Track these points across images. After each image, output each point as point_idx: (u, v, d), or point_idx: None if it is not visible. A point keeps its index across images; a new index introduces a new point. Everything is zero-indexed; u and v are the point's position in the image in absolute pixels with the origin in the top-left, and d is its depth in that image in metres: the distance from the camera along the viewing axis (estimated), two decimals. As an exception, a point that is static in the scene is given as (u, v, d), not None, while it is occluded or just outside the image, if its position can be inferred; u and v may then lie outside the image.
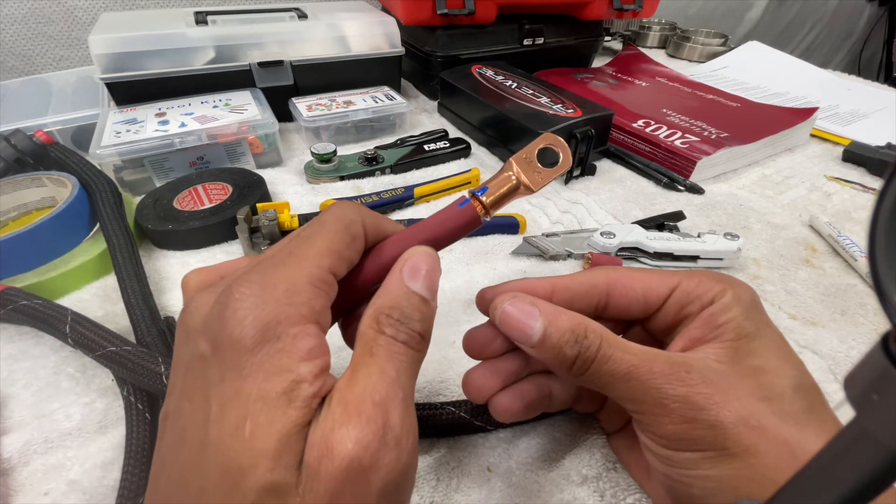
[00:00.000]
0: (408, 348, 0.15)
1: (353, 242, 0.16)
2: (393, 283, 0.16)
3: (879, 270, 0.08)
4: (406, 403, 0.14)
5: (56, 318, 0.28)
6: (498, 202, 0.19)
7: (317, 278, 0.15)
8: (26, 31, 0.66)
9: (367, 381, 0.14)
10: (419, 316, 0.16)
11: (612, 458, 0.24)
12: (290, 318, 0.13)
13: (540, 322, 0.17)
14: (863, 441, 0.09)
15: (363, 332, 0.15)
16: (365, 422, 0.13)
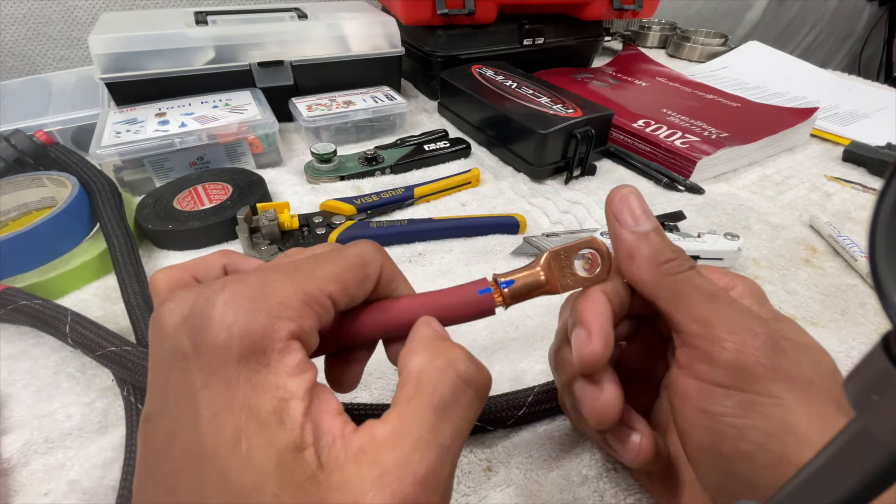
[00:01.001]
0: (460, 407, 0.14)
1: (363, 281, 0.16)
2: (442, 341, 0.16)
3: (879, 270, 0.08)
4: (455, 460, 0.13)
5: (56, 319, 0.28)
6: (519, 297, 0.18)
7: (313, 299, 0.14)
8: (26, 32, 0.66)
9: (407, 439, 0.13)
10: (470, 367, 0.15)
11: (612, 459, 0.24)
12: (277, 331, 0.13)
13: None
14: (863, 441, 0.09)
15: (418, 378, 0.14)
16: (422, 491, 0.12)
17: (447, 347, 0.15)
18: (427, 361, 0.14)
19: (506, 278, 0.18)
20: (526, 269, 0.18)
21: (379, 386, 0.28)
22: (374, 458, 0.12)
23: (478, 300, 0.17)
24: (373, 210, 0.43)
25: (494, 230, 0.41)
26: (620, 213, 0.18)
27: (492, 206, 0.45)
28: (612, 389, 0.18)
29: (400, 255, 0.38)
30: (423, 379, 0.14)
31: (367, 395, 0.27)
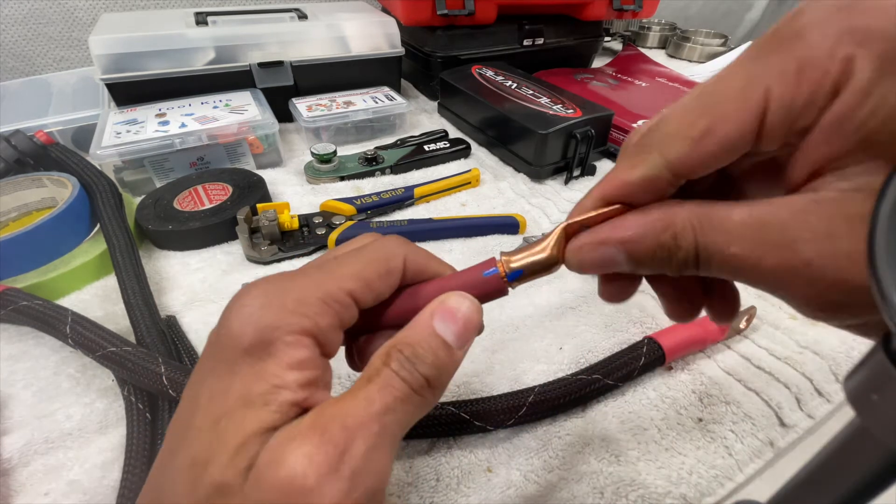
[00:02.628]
0: (407, 388, 0.13)
1: (386, 275, 0.16)
2: (418, 321, 0.15)
3: (879, 270, 0.08)
4: (380, 440, 0.13)
5: (56, 319, 0.28)
6: (526, 277, 0.17)
7: (331, 297, 0.14)
8: (26, 32, 0.66)
9: (347, 404, 0.13)
10: (432, 360, 0.14)
11: (611, 457, 0.24)
12: (289, 325, 0.13)
13: (623, 255, 0.14)
14: (863, 441, 0.09)
15: (371, 361, 0.14)
16: (324, 441, 0.12)
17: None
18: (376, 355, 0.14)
19: (513, 260, 0.17)
20: (535, 246, 0.16)
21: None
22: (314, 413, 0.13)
23: (484, 281, 0.17)
24: (373, 210, 0.43)
25: (494, 230, 0.41)
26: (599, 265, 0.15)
27: (492, 206, 0.45)
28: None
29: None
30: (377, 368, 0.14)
31: (368, 396, 0.27)
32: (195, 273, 0.36)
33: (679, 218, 0.13)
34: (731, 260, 0.12)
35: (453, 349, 0.15)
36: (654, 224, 0.13)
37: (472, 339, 0.15)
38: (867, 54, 0.10)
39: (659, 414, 0.26)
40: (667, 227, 0.13)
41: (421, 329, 0.15)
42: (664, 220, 0.13)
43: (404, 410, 0.13)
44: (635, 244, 0.14)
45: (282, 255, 0.38)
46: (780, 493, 0.11)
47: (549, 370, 0.29)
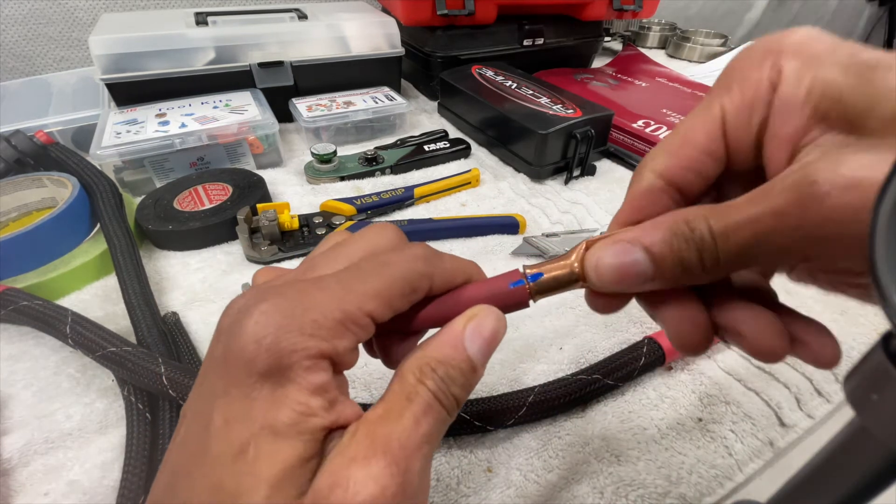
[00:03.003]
0: (442, 408, 0.14)
1: (410, 294, 0.15)
2: (450, 337, 0.15)
3: (879, 270, 0.08)
4: (428, 461, 0.13)
5: (56, 319, 0.28)
6: (547, 291, 0.16)
7: (351, 319, 0.14)
8: (27, 32, 0.66)
9: (399, 424, 0.13)
10: (462, 381, 0.14)
11: (611, 457, 0.24)
12: (306, 349, 0.13)
13: (640, 250, 0.14)
14: (863, 441, 0.09)
15: (404, 374, 0.14)
16: (390, 464, 0.12)
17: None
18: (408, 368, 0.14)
19: (534, 270, 0.16)
20: (557, 261, 0.16)
21: (379, 386, 0.28)
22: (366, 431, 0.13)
23: (509, 293, 0.16)
24: (373, 210, 0.43)
25: (494, 230, 0.41)
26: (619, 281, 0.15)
27: (492, 206, 0.45)
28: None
29: (400, 256, 0.38)
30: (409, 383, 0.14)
31: (367, 395, 0.27)
32: (195, 273, 0.36)
33: (689, 210, 0.14)
34: (746, 225, 0.12)
35: (478, 368, 0.15)
36: (666, 219, 0.14)
37: (492, 354, 0.15)
38: (788, 59, 0.13)
39: (659, 414, 0.26)
40: (678, 219, 0.14)
41: (452, 348, 0.15)
42: (675, 215, 0.14)
43: (440, 430, 0.14)
44: (650, 237, 0.14)
45: (282, 255, 0.38)
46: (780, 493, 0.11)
47: (548, 370, 0.29)
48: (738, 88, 0.14)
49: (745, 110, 0.14)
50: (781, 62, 0.13)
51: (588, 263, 0.15)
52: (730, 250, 0.13)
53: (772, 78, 0.13)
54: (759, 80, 0.14)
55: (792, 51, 0.13)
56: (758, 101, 0.14)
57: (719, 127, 0.15)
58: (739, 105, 0.14)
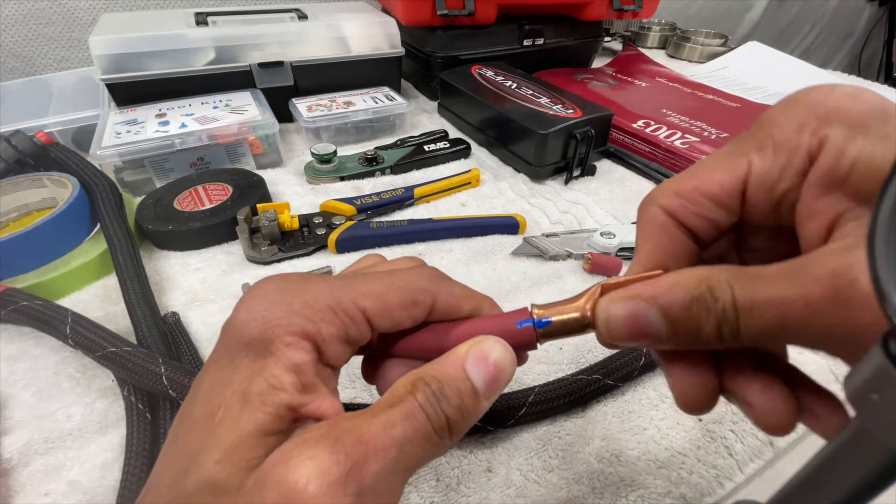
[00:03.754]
0: (429, 426, 0.13)
1: (410, 307, 0.15)
2: (451, 358, 0.14)
3: (879, 270, 0.08)
4: (394, 467, 0.12)
5: (56, 319, 0.28)
6: (554, 335, 0.15)
7: (341, 307, 0.14)
8: (27, 32, 0.66)
9: (365, 421, 0.12)
10: (458, 403, 0.13)
11: (611, 457, 0.24)
12: (290, 325, 0.13)
13: (655, 312, 0.13)
14: (863, 441, 0.09)
15: (395, 386, 0.14)
16: (336, 449, 0.11)
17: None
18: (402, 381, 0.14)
19: (542, 312, 0.15)
20: (568, 303, 0.15)
21: (379, 386, 0.28)
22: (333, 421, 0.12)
23: (516, 332, 0.15)
24: (373, 210, 0.43)
25: (494, 230, 0.41)
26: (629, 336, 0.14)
27: (492, 206, 0.45)
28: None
29: (400, 256, 0.38)
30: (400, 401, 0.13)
31: (368, 396, 0.27)
32: (195, 273, 0.36)
33: (714, 273, 0.12)
34: (773, 305, 0.11)
35: (480, 397, 0.14)
36: (689, 279, 0.13)
37: (500, 391, 0.14)
38: (832, 127, 0.12)
39: (659, 414, 0.26)
40: (702, 280, 0.12)
41: (452, 367, 0.14)
42: (699, 275, 0.13)
43: (420, 448, 0.13)
44: (669, 298, 0.13)
45: (282, 256, 0.38)
46: (780, 493, 0.11)
47: (548, 370, 0.29)
48: (772, 150, 0.13)
49: (775, 175, 0.13)
50: (825, 131, 0.12)
51: (599, 315, 0.14)
52: (751, 328, 0.12)
53: (811, 148, 0.12)
54: (797, 146, 0.13)
55: (837, 117, 0.12)
56: (790, 169, 0.13)
57: (740, 183, 0.14)
58: (770, 168, 0.13)
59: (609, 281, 0.15)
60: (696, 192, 0.14)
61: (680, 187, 0.15)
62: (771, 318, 0.11)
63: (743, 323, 0.12)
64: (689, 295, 0.12)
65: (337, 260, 0.38)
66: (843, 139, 0.12)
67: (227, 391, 0.13)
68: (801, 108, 0.13)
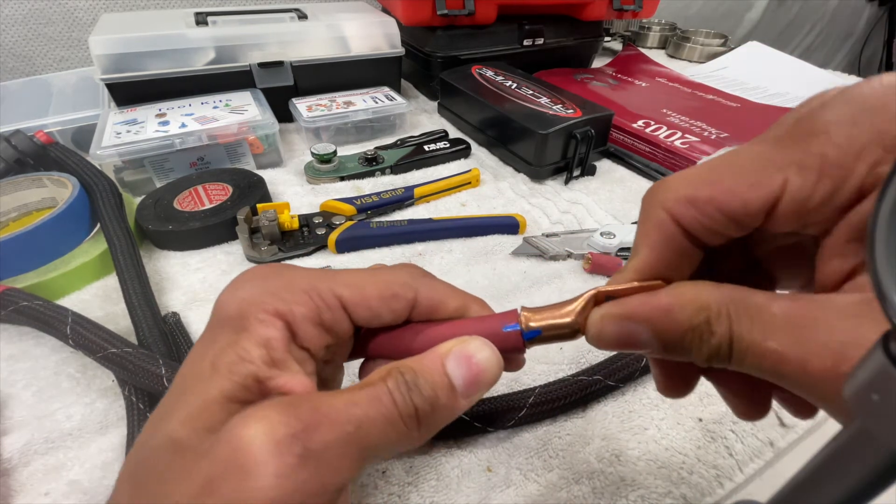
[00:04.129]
0: (395, 411, 0.13)
1: (389, 299, 0.16)
2: (432, 353, 0.14)
3: (879, 270, 0.08)
4: (348, 442, 0.12)
5: (57, 320, 0.28)
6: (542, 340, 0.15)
7: (316, 291, 0.15)
8: (27, 32, 0.66)
9: (331, 397, 0.12)
10: (430, 394, 0.13)
11: (611, 456, 0.24)
12: (263, 304, 0.14)
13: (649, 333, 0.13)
14: (863, 441, 0.09)
15: (371, 374, 0.14)
16: (287, 412, 0.11)
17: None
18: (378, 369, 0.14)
19: (535, 319, 0.15)
20: (559, 308, 0.15)
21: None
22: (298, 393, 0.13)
23: (503, 336, 0.15)
24: (373, 210, 0.43)
25: (494, 230, 0.41)
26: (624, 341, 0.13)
27: (492, 206, 0.45)
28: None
29: (400, 256, 0.38)
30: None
31: (368, 396, 0.27)
32: (195, 273, 0.36)
33: (714, 300, 0.12)
34: (769, 356, 0.11)
35: (458, 395, 0.14)
36: (687, 305, 0.12)
37: (482, 392, 0.14)
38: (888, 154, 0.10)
39: (659, 414, 0.26)
40: (700, 309, 0.12)
41: (430, 361, 0.14)
42: (698, 302, 0.12)
43: (383, 433, 0.12)
44: (664, 324, 0.12)
45: (282, 255, 0.38)
46: (780, 493, 0.11)
47: (549, 370, 0.29)
48: (817, 172, 0.11)
49: (814, 203, 0.11)
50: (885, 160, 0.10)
51: (591, 328, 0.14)
52: (741, 366, 0.11)
53: (865, 183, 0.10)
54: (849, 175, 0.10)
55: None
56: (834, 202, 0.11)
57: (769, 204, 0.12)
58: (810, 195, 0.11)
59: (604, 288, 0.14)
60: (714, 207, 0.12)
61: (696, 195, 0.13)
62: (764, 366, 0.11)
63: (735, 360, 0.11)
64: (687, 324, 0.12)
65: (337, 260, 0.38)
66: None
67: (203, 362, 0.13)
68: (868, 127, 0.11)
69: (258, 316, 0.14)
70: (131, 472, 0.13)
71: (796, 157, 0.11)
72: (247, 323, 0.14)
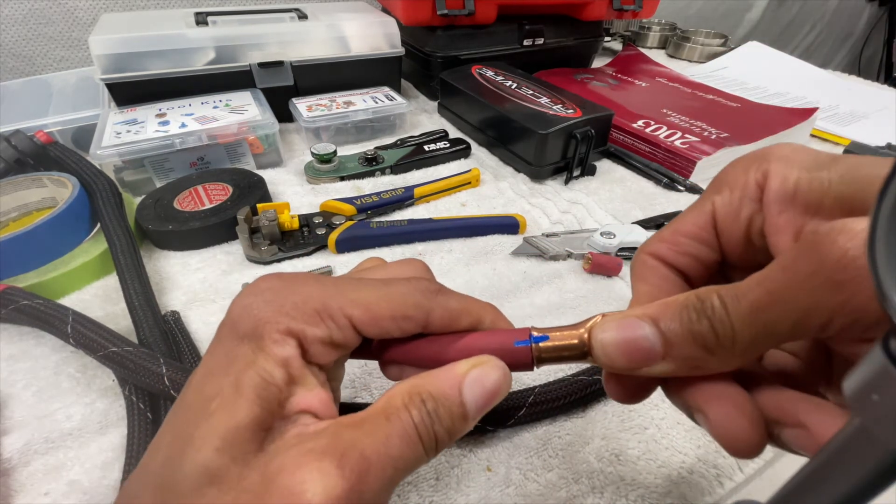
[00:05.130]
0: (419, 442, 0.13)
1: (400, 320, 0.16)
2: (449, 376, 0.14)
3: (879, 270, 0.08)
4: (388, 484, 0.13)
5: (57, 318, 0.28)
6: (549, 360, 0.15)
7: (328, 312, 0.15)
8: (27, 32, 0.66)
9: (366, 437, 0.13)
10: (449, 424, 0.14)
11: (611, 456, 0.24)
12: (278, 323, 0.14)
13: (648, 325, 0.13)
14: (863, 441, 0.09)
15: (393, 395, 0.14)
16: (342, 464, 0.12)
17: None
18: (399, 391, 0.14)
19: (541, 333, 0.15)
20: (568, 329, 0.15)
21: (379, 386, 0.28)
22: (335, 430, 0.13)
23: (513, 351, 0.15)
24: (373, 210, 0.43)
25: (494, 230, 0.41)
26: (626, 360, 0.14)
27: (492, 206, 0.45)
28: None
29: (400, 256, 0.38)
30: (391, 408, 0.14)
31: (367, 395, 0.27)
32: (195, 273, 0.36)
33: (700, 289, 0.13)
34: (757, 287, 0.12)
35: (469, 417, 0.14)
36: (678, 297, 0.14)
37: (487, 411, 0.15)
38: (773, 162, 0.14)
39: (659, 413, 0.26)
40: (689, 295, 0.13)
41: (448, 386, 0.14)
42: (687, 294, 0.13)
43: (410, 464, 0.13)
44: (659, 311, 0.13)
45: (282, 255, 0.38)
46: (780, 493, 0.11)
47: (549, 370, 0.29)
48: (727, 189, 0.15)
49: (734, 205, 0.15)
50: (767, 165, 0.14)
51: (594, 337, 0.14)
52: (742, 315, 0.12)
53: (758, 179, 0.15)
54: (746, 181, 0.15)
55: (776, 157, 0.14)
56: (745, 199, 0.15)
57: (710, 220, 0.16)
58: (728, 201, 0.15)
59: (610, 314, 0.15)
60: (676, 234, 0.16)
61: (661, 235, 0.17)
62: (758, 296, 0.12)
63: (732, 311, 0.12)
64: (680, 305, 0.13)
65: (337, 260, 0.38)
66: (783, 168, 0.14)
67: (224, 381, 0.13)
68: (744, 158, 0.15)
69: (273, 336, 0.14)
70: (157, 498, 0.12)
71: (713, 190, 0.16)
72: (262, 343, 0.14)
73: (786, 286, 0.11)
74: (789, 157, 0.14)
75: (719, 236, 0.16)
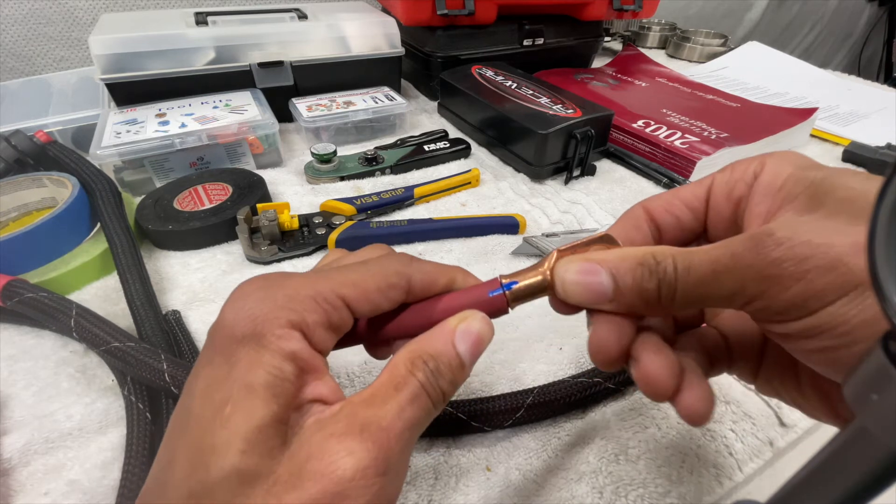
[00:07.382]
0: (428, 400, 0.15)
1: (387, 290, 0.17)
2: (441, 335, 0.16)
3: (879, 270, 0.08)
4: (407, 448, 0.14)
5: (61, 312, 0.28)
6: (522, 299, 0.18)
7: (322, 296, 0.15)
8: (26, 32, 0.66)
9: (383, 408, 0.14)
10: (451, 377, 0.15)
11: (610, 455, 0.24)
12: (277, 318, 0.14)
13: (605, 273, 0.16)
14: (863, 441, 0.09)
15: (395, 365, 0.15)
16: (368, 442, 0.13)
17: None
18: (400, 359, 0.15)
19: (509, 280, 0.18)
20: (531, 270, 0.18)
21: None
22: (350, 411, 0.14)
23: (489, 301, 0.17)
24: (373, 210, 0.43)
25: (494, 230, 0.41)
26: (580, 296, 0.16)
27: (492, 206, 0.45)
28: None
29: (400, 256, 0.38)
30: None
31: (368, 396, 0.27)
32: (195, 273, 0.36)
33: (658, 247, 0.16)
34: (708, 258, 0.14)
35: (466, 366, 0.16)
36: (637, 250, 0.16)
37: (479, 357, 0.17)
38: (770, 159, 0.17)
39: (659, 413, 0.26)
40: (647, 252, 0.15)
41: (443, 343, 0.16)
42: (645, 249, 0.16)
43: (424, 421, 0.15)
44: (617, 262, 0.16)
45: (282, 255, 0.38)
46: (780, 493, 0.11)
47: (549, 370, 0.29)
48: (729, 170, 0.18)
49: (730, 185, 0.17)
50: (766, 160, 0.17)
51: (557, 276, 0.17)
52: (688, 284, 0.15)
53: (756, 170, 0.17)
54: (746, 168, 0.17)
55: (777, 155, 0.17)
56: (740, 182, 0.17)
57: (705, 191, 0.18)
58: (727, 181, 0.17)
59: (563, 247, 0.17)
60: (673, 196, 0.19)
61: (662, 194, 0.19)
62: (705, 272, 0.14)
63: (681, 281, 0.15)
64: (636, 260, 0.15)
65: (337, 260, 0.38)
66: (778, 163, 0.16)
67: (232, 386, 0.13)
68: (753, 157, 0.17)
69: (275, 332, 0.14)
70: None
71: (719, 171, 0.18)
72: (264, 340, 0.14)
73: (729, 269, 0.14)
74: (787, 156, 0.16)
75: (709, 209, 0.18)
